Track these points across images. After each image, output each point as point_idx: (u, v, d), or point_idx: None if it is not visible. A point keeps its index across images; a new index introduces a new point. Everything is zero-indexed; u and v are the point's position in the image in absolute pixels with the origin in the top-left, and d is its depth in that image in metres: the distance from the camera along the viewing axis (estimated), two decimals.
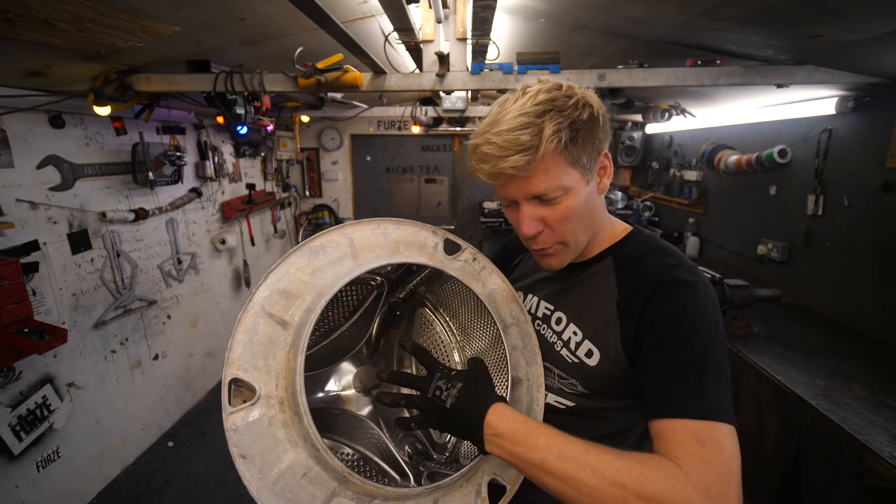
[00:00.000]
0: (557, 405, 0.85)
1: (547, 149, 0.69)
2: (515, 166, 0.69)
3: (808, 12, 1.20)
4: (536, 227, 0.76)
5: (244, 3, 1.47)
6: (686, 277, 0.73)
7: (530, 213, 0.75)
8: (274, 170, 4.24)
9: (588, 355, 0.79)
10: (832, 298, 2.15)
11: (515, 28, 2.04)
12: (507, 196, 0.77)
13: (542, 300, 0.91)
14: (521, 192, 0.74)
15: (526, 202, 0.75)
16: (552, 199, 0.73)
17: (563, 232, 0.76)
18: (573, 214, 0.75)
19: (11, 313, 1.72)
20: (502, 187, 0.76)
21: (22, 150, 1.96)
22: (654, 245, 0.82)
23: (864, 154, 1.98)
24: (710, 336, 0.68)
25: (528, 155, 0.69)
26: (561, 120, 0.70)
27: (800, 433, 1.43)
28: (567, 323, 0.84)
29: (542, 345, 0.87)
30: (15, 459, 1.92)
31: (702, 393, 0.64)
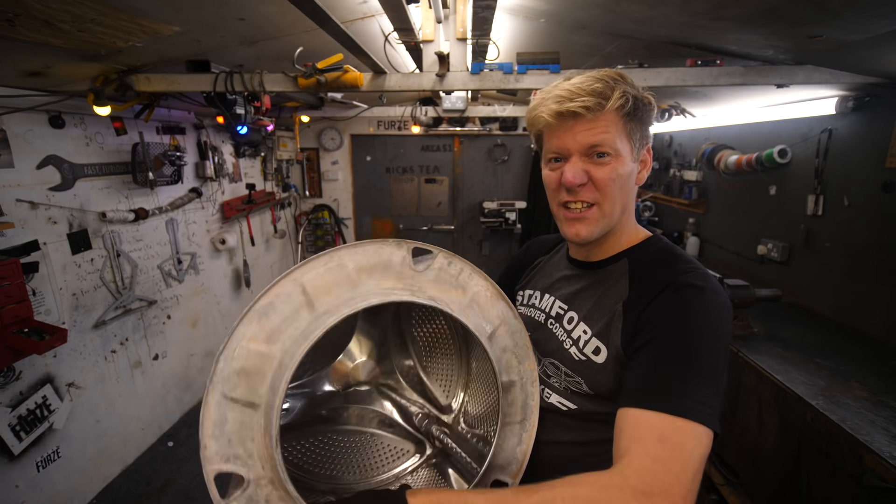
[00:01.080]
0: (560, 406, 0.86)
1: (614, 104, 0.73)
2: (586, 105, 0.73)
3: (808, 12, 1.20)
4: (582, 177, 0.76)
5: (244, 3, 1.47)
6: (695, 282, 0.73)
7: (579, 165, 0.77)
8: (274, 170, 4.24)
9: (596, 353, 0.80)
10: (832, 298, 2.15)
11: (515, 28, 2.04)
12: (561, 146, 0.78)
13: (557, 300, 0.91)
14: (577, 141, 0.76)
15: (577, 155, 0.77)
16: (604, 155, 0.76)
17: (604, 192, 0.77)
18: (617, 179, 0.77)
19: (11, 313, 1.72)
20: (558, 136, 0.77)
21: (22, 150, 1.96)
22: (672, 253, 0.82)
23: (864, 154, 1.98)
24: (707, 339, 0.67)
25: (599, 100, 0.73)
26: (628, 90, 0.75)
27: (800, 433, 1.43)
28: (578, 322, 0.85)
29: (552, 343, 0.88)
30: (15, 459, 1.92)
31: (681, 391, 0.62)
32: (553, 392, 0.88)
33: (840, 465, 1.29)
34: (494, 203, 4.56)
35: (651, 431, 0.59)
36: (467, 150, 4.71)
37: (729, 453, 1.77)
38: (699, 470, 0.58)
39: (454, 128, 4.49)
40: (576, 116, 0.74)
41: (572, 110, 0.73)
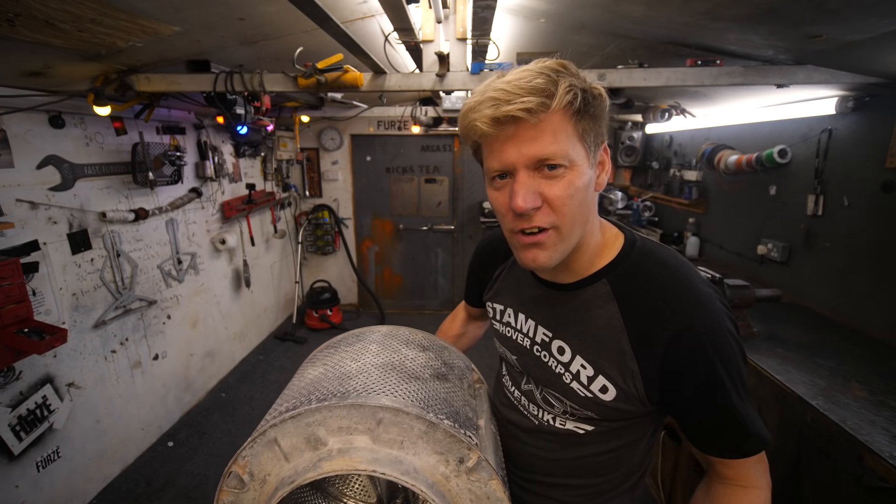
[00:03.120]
0: (577, 430, 0.82)
1: (560, 102, 0.61)
2: (527, 108, 0.60)
3: (808, 12, 1.20)
4: (534, 200, 0.64)
5: (244, 3, 1.47)
6: (701, 306, 0.67)
7: (528, 184, 0.63)
8: (274, 170, 4.24)
9: (603, 391, 0.73)
10: (832, 298, 2.15)
11: (515, 28, 2.04)
12: (504, 161, 0.64)
13: (538, 324, 0.82)
14: (522, 155, 0.63)
15: (524, 170, 0.64)
16: (555, 168, 0.63)
17: (561, 212, 0.65)
18: (575, 194, 0.64)
19: (11, 313, 1.72)
20: (499, 149, 0.64)
21: (22, 150, 1.96)
22: (653, 262, 0.73)
23: (864, 154, 1.98)
24: (740, 367, 0.70)
25: (543, 98, 0.60)
26: (575, 82, 0.63)
27: (800, 433, 1.43)
28: (573, 355, 0.76)
29: (547, 373, 0.81)
30: (15, 459, 1.92)
31: (753, 430, 0.71)
32: (565, 419, 0.82)
33: (840, 465, 1.29)
34: None
35: (748, 470, 0.74)
36: (467, 150, 4.69)
37: None
38: None
39: (454, 128, 4.48)
40: (517, 122, 0.61)
41: (511, 114, 0.60)
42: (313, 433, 0.64)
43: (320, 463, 0.62)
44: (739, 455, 0.71)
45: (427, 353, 0.83)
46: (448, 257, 5.00)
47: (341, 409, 0.63)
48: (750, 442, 0.70)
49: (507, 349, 0.91)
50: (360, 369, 0.73)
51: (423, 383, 0.72)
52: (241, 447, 0.66)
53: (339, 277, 4.97)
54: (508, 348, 0.90)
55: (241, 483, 0.66)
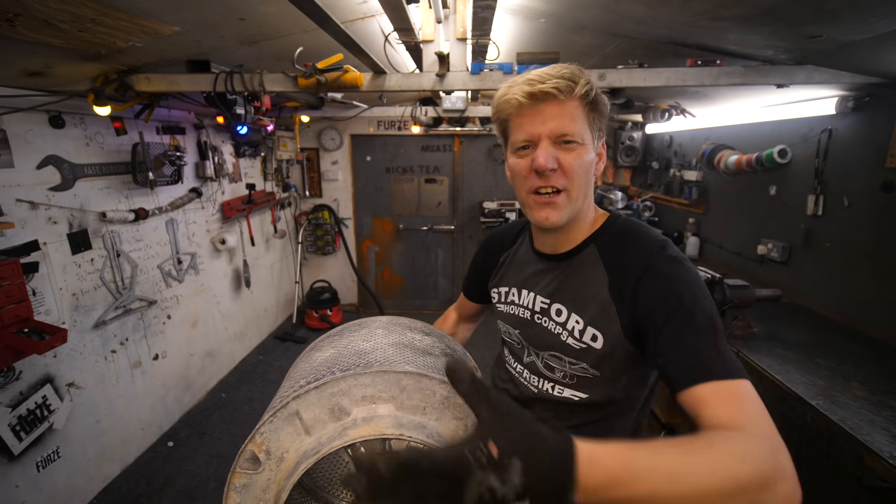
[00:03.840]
0: (572, 398, 0.90)
1: (581, 89, 0.77)
2: (558, 87, 0.75)
3: (808, 12, 1.20)
4: (553, 162, 0.78)
5: (244, 3, 1.47)
6: (671, 254, 0.79)
7: (550, 150, 0.78)
8: (274, 170, 4.24)
9: (594, 339, 0.83)
10: (832, 298, 2.15)
11: (515, 28, 2.04)
12: (531, 132, 0.79)
13: (538, 295, 0.93)
14: (547, 128, 0.78)
15: (547, 140, 0.78)
16: (570, 143, 0.78)
17: (571, 178, 0.79)
18: (583, 166, 0.80)
19: (11, 313, 1.73)
20: (528, 122, 0.79)
21: (22, 150, 1.96)
22: (633, 228, 0.87)
23: (864, 154, 1.98)
24: (708, 303, 0.74)
25: (570, 83, 0.76)
26: (589, 81, 0.79)
27: (800, 433, 1.43)
28: (569, 314, 0.87)
29: (547, 336, 0.90)
30: (15, 459, 1.92)
31: (722, 356, 0.68)
32: (563, 386, 0.91)
33: (840, 465, 1.29)
34: (494, 203, 4.56)
35: (718, 398, 0.64)
36: (467, 150, 4.72)
37: None
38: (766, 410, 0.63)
39: (454, 128, 4.49)
40: (546, 99, 0.77)
41: (545, 90, 0.76)
42: (337, 403, 0.63)
43: (346, 432, 0.62)
44: (711, 376, 0.65)
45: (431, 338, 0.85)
46: (448, 257, 5.00)
47: (366, 376, 0.63)
48: (720, 363, 0.66)
49: (510, 326, 1.01)
50: (374, 347, 0.74)
51: (436, 358, 0.74)
52: (259, 423, 0.63)
53: (339, 277, 4.97)
54: (512, 324, 1.00)
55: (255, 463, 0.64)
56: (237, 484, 0.65)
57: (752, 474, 0.51)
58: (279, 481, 0.65)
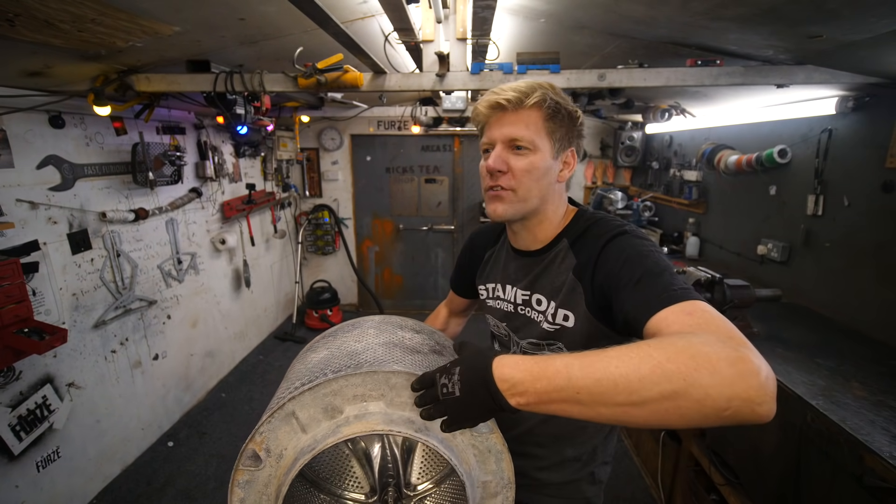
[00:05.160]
0: None
1: (531, 101, 0.86)
2: (507, 98, 0.86)
3: (808, 12, 1.20)
4: (502, 164, 0.87)
5: (244, 3, 1.47)
6: (625, 230, 0.86)
7: (501, 154, 0.88)
8: (274, 170, 4.24)
9: (565, 319, 0.90)
10: (832, 298, 2.15)
11: (515, 28, 2.04)
12: (489, 138, 0.90)
13: (518, 289, 1.00)
14: (501, 133, 0.87)
15: (501, 144, 0.88)
16: (522, 148, 0.87)
17: (519, 181, 0.88)
18: (534, 171, 0.88)
19: (11, 313, 1.73)
20: (488, 129, 0.90)
21: (22, 150, 1.96)
22: (596, 218, 0.94)
23: (864, 154, 1.98)
24: (657, 254, 0.78)
25: (519, 95, 0.86)
26: (547, 93, 0.87)
27: (800, 433, 1.43)
28: (548, 302, 0.94)
29: (529, 326, 0.98)
30: (15, 459, 1.92)
31: (671, 285, 0.70)
32: None
33: (840, 466, 1.29)
34: None
35: (676, 317, 0.64)
36: (467, 150, 4.71)
37: (729, 453, 1.77)
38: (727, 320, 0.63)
39: (454, 128, 4.49)
40: (501, 109, 0.87)
41: (497, 102, 0.86)
42: (330, 403, 0.69)
43: (339, 429, 0.67)
44: (669, 301, 0.67)
45: (421, 335, 0.90)
46: (448, 257, 4.99)
47: (357, 377, 0.68)
48: (678, 291, 0.68)
49: (497, 319, 1.08)
50: (365, 347, 0.79)
51: (424, 356, 0.79)
52: (259, 423, 0.68)
53: (339, 277, 4.97)
54: (499, 318, 1.07)
55: (256, 461, 0.69)
56: (240, 480, 0.70)
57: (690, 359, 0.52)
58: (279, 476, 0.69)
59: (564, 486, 1.05)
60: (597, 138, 4.56)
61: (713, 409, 0.51)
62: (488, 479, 0.75)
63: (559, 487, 1.05)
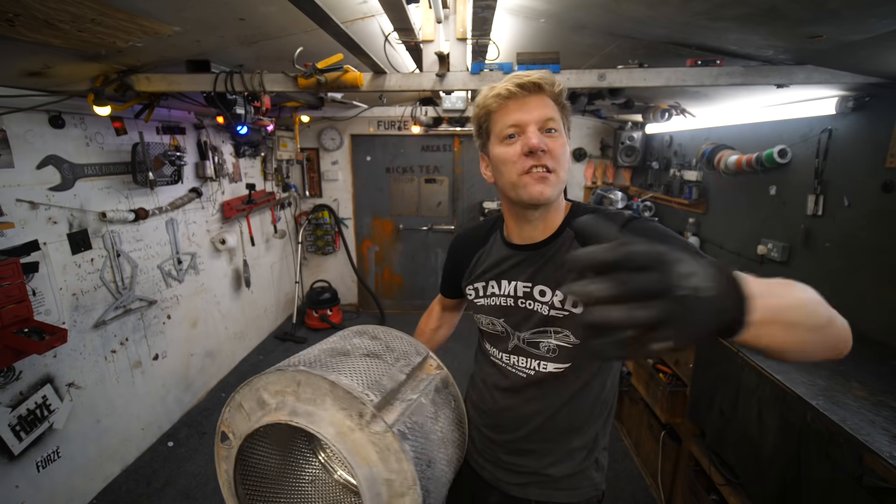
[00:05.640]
0: (556, 370, 0.98)
1: (557, 87, 0.89)
2: (543, 79, 0.87)
3: (808, 12, 1.20)
4: (544, 143, 0.85)
5: (244, 3, 1.47)
6: (633, 216, 0.89)
7: (538, 133, 0.86)
8: (274, 170, 4.24)
9: (575, 305, 0.91)
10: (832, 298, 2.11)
11: (515, 28, 2.04)
12: (519, 119, 0.87)
13: (518, 282, 0.99)
14: (534, 116, 0.87)
15: (535, 125, 0.87)
16: (553, 131, 0.88)
17: (556, 159, 0.87)
18: (566, 153, 0.89)
19: (11, 313, 1.73)
20: (515, 111, 0.88)
21: (22, 150, 1.96)
22: (595, 209, 0.99)
23: (864, 154, 1.98)
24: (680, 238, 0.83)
25: (551, 80, 0.88)
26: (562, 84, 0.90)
27: (800, 433, 1.43)
28: (553, 292, 0.94)
29: (532, 317, 0.97)
30: (15, 459, 1.92)
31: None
32: (546, 361, 0.98)
33: (840, 465, 1.29)
34: (494, 203, 4.55)
35: None
36: (467, 150, 4.72)
37: (729, 453, 1.77)
38: None
39: (454, 128, 4.48)
40: (533, 91, 0.87)
41: (533, 81, 0.86)
42: (260, 396, 0.81)
43: (262, 418, 0.78)
44: None
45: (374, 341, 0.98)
46: None
47: (272, 374, 0.80)
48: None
49: (492, 318, 1.06)
50: (310, 351, 0.92)
51: (348, 358, 0.88)
52: (222, 411, 0.84)
53: (339, 277, 4.97)
54: (495, 314, 1.05)
55: (226, 440, 0.84)
56: (222, 455, 0.87)
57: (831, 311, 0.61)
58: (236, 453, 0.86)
59: (574, 478, 1.05)
60: (597, 138, 4.56)
61: (841, 343, 0.60)
62: (392, 477, 0.76)
63: (570, 479, 1.05)
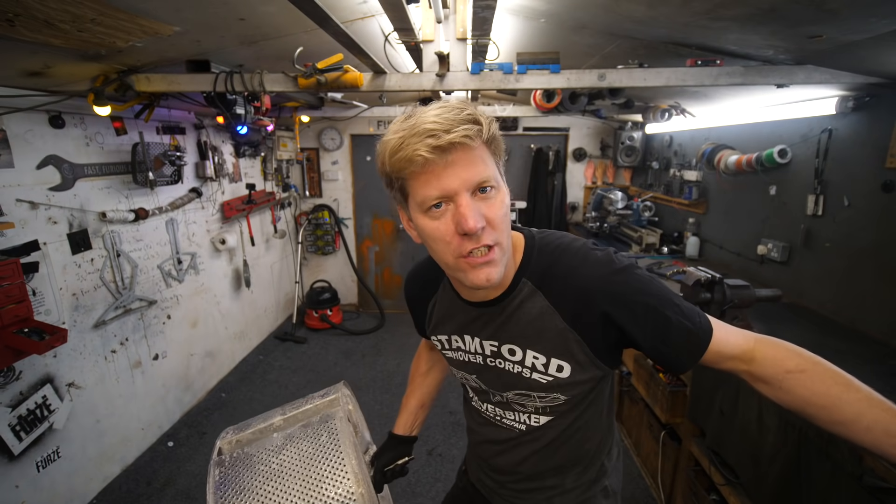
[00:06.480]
0: (549, 425, 0.92)
1: (486, 131, 0.69)
2: (468, 135, 0.65)
3: (808, 12, 1.20)
4: (481, 219, 0.68)
5: (244, 3, 1.47)
6: (609, 266, 0.77)
7: (472, 206, 0.68)
8: (274, 170, 4.24)
9: (559, 370, 0.82)
10: (832, 298, 2.15)
11: (515, 28, 2.04)
12: (443, 188, 0.67)
13: (482, 340, 0.88)
14: (463, 180, 0.67)
15: (466, 193, 0.68)
16: (487, 190, 0.69)
17: (499, 229, 0.71)
18: (505, 211, 0.72)
19: (11, 313, 1.73)
20: (436, 177, 0.67)
21: (22, 150, 1.96)
22: (552, 245, 0.82)
23: (864, 154, 1.98)
24: (664, 291, 0.77)
25: (478, 128, 0.67)
26: (490, 117, 0.71)
27: (800, 433, 1.43)
28: (524, 352, 0.83)
29: (507, 377, 0.88)
30: (15, 459, 1.92)
31: (697, 319, 0.77)
32: (538, 415, 0.91)
33: (840, 465, 1.29)
34: None
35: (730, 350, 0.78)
36: None
37: (729, 453, 1.77)
38: None
39: None
40: (455, 150, 0.66)
41: (455, 141, 0.64)
42: None
43: None
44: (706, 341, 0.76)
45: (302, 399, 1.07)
46: None
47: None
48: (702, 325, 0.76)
49: (465, 372, 0.96)
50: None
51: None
52: None
53: (339, 277, 4.97)
54: (466, 371, 0.95)
55: None
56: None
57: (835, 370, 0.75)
58: None
59: None
60: (597, 138, 4.56)
61: None
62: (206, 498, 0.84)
63: None
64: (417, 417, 1.19)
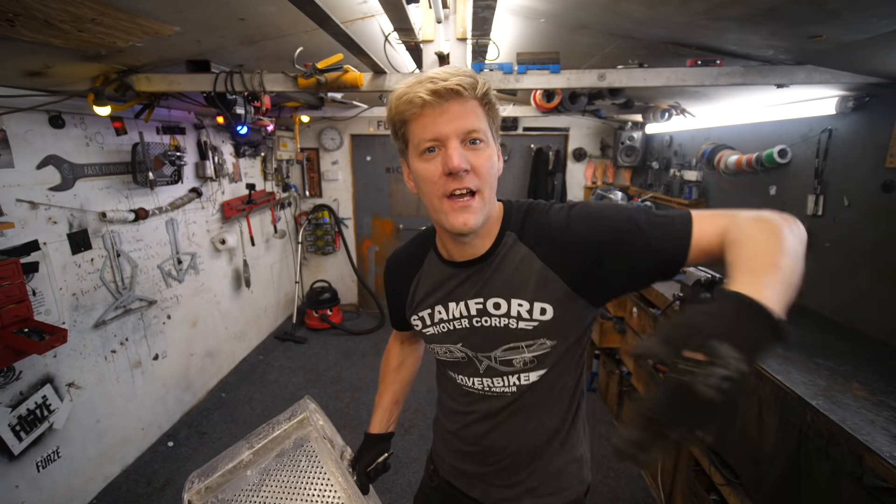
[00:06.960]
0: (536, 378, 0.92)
1: (482, 88, 0.77)
2: (462, 84, 0.74)
3: (808, 12, 1.20)
4: (466, 162, 0.76)
5: (244, 3, 1.47)
6: (570, 205, 0.86)
7: (460, 150, 0.76)
8: (274, 170, 4.24)
9: (542, 313, 0.85)
10: (832, 298, 2.15)
11: (515, 28, 2.04)
12: (438, 132, 0.75)
13: (466, 301, 0.90)
14: (454, 127, 0.75)
15: (455, 140, 0.75)
16: (476, 142, 0.77)
17: (483, 178, 0.78)
18: (491, 165, 0.79)
19: (11, 313, 1.73)
20: (431, 123, 0.76)
21: (22, 150, 1.96)
22: (527, 204, 0.91)
23: (864, 154, 1.98)
24: (624, 208, 0.82)
25: (473, 80, 0.76)
26: (486, 82, 0.79)
27: (800, 433, 1.43)
28: (508, 302, 0.86)
29: (494, 333, 0.89)
30: (15, 459, 1.92)
31: (667, 216, 0.78)
32: (527, 372, 0.92)
33: (840, 465, 1.29)
34: None
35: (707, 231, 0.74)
36: None
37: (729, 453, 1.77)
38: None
39: None
40: (452, 97, 0.74)
41: (450, 87, 0.73)
42: None
43: None
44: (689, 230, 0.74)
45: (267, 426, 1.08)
46: None
47: None
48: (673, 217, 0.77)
49: (449, 344, 0.96)
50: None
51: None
52: None
53: (339, 277, 4.97)
54: (451, 341, 0.96)
55: None
56: None
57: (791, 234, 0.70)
58: None
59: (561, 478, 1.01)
60: (597, 138, 4.56)
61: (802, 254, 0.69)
62: None
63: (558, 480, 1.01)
64: (392, 414, 1.20)
